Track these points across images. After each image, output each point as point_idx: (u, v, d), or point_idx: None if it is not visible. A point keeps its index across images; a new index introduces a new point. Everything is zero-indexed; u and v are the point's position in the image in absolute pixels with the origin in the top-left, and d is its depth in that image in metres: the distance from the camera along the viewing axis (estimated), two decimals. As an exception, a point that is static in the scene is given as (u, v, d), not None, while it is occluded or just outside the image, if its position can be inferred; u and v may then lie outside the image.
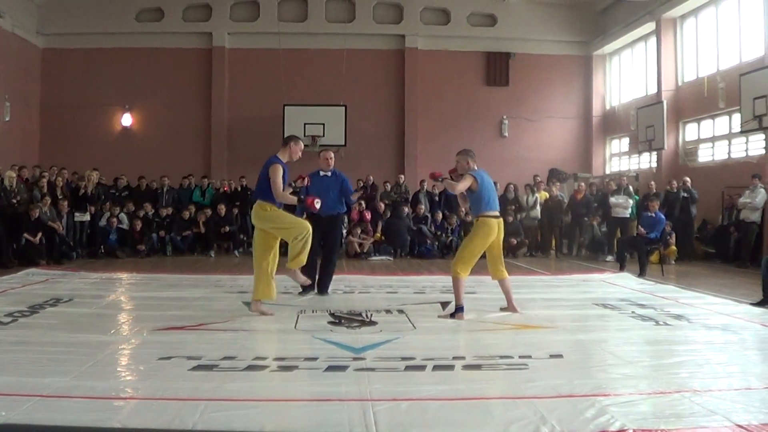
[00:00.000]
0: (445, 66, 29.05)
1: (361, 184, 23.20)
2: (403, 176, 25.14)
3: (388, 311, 10.87)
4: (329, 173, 13.20)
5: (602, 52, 29.66)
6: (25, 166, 21.01)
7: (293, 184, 11.38)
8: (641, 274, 16.47)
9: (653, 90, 25.52)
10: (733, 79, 20.64)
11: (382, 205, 22.83)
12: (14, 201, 18.66)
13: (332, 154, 13.53)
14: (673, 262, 19.97)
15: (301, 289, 12.53)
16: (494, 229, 10.65)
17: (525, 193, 23.42)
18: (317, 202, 10.41)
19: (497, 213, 10.78)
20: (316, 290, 12.71)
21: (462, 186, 10.47)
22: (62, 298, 11.81)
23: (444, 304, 11.56)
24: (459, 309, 10.38)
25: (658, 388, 6.51)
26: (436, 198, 23.78)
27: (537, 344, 8.42)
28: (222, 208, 22.19)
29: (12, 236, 18.23)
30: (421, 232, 22.02)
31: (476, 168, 10.79)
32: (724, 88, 21.37)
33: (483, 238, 10.66)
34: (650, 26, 25.56)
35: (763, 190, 18.85)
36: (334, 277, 13.35)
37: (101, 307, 11.12)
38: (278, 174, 10.24)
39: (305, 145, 23.26)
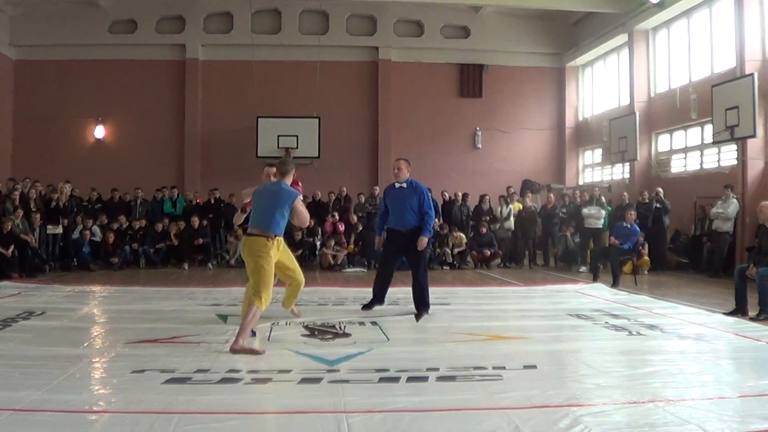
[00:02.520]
0: (418, 78, 29.10)
1: (334, 197, 23.25)
2: (377, 188, 25.11)
3: (361, 323, 10.88)
4: (404, 184, 12.29)
5: (575, 64, 29.80)
6: (-2, 178, 20.85)
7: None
8: (614, 284, 16.53)
9: (626, 101, 25.66)
10: (705, 90, 20.76)
11: (356, 217, 22.77)
12: None
13: (403, 164, 12.41)
14: (646, 272, 20.06)
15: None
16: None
17: (499, 205, 23.44)
18: None
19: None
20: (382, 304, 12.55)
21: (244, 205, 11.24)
22: (35, 311, 11.73)
23: (417, 316, 11.57)
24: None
25: (632, 398, 6.57)
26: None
27: (511, 355, 8.45)
28: (195, 221, 22.09)
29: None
30: (395, 244, 21.98)
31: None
32: (696, 99, 21.50)
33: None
34: (623, 38, 25.70)
35: (735, 201, 18.95)
36: (307, 288, 13.30)
37: (74, 321, 11.06)
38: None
39: (278, 157, 23.29)
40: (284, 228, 9.62)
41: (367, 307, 12.29)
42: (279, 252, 9.74)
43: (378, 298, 12.50)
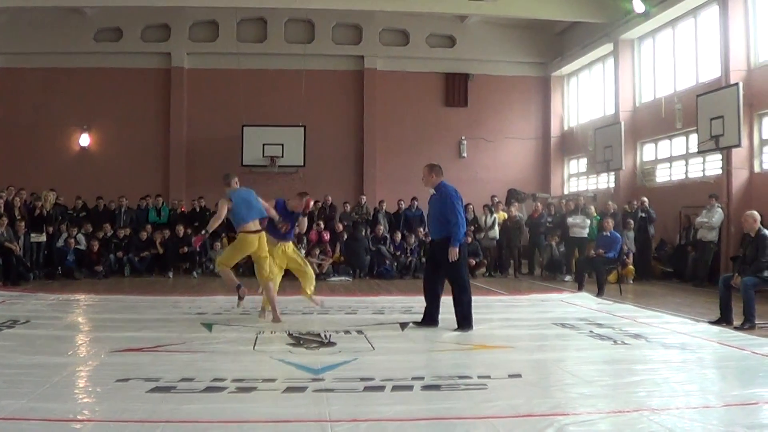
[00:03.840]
0: (404, 87, 29.13)
1: (319, 206, 23.22)
2: (364, 197, 25.11)
3: (347, 332, 10.85)
4: (434, 190, 11.82)
5: (560, 74, 29.90)
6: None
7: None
8: (599, 293, 16.55)
9: (611, 111, 25.74)
10: (690, 99, 20.81)
11: (341, 226, 22.73)
12: None
13: (425, 170, 12.02)
14: (631, 281, 20.07)
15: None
16: (253, 243, 11.70)
17: (483, 214, 23.42)
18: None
19: (257, 228, 11.80)
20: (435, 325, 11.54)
21: (221, 212, 11.92)
22: (19, 319, 11.68)
23: (403, 325, 11.57)
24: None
25: (617, 407, 6.58)
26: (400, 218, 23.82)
27: (496, 364, 8.46)
28: (180, 229, 22.03)
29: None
30: (380, 253, 21.98)
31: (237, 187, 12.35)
32: (681, 108, 21.56)
33: (239, 250, 12.03)
34: (608, 47, 25.79)
35: (720, 210, 19.03)
36: (292, 297, 13.29)
37: (58, 329, 11.02)
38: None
39: (263, 166, 23.26)
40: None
41: (418, 324, 11.64)
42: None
43: (427, 319, 11.68)
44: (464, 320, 11.21)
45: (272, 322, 11.64)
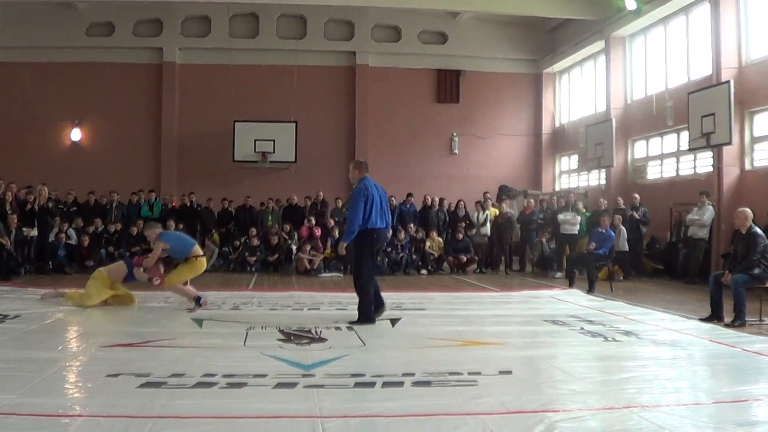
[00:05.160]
0: (395, 83, 29.14)
1: (310, 201, 23.24)
2: (354, 193, 25.12)
3: (338, 328, 10.86)
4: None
5: (552, 70, 29.93)
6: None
7: None
8: (590, 290, 16.55)
9: (602, 108, 25.77)
10: (681, 97, 20.84)
11: (332, 222, 22.70)
12: None
13: (350, 165, 12.60)
14: (622, 278, 20.06)
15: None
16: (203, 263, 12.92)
17: (475, 210, 23.42)
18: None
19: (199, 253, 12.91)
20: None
21: (154, 255, 12.62)
22: (9, 314, 11.62)
23: (393, 321, 11.55)
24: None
25: (607, 403, 6.60)
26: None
27: (486, 360, 8.45)
28: (172, 225, 21.97)
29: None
30: (371, 249, 21.94)
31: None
32: (673, 106, 21.59)
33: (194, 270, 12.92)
34: (599, 45, 25.82)
35: (710, 207, 19.06)
36: (283, 293, 13.28)
37: (49, 324, 10.99)
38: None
39: (255, 162, 23.26)
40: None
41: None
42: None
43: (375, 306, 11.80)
44: (362, 315, 11.43)
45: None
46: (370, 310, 11.45)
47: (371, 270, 11.68)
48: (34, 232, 20.45)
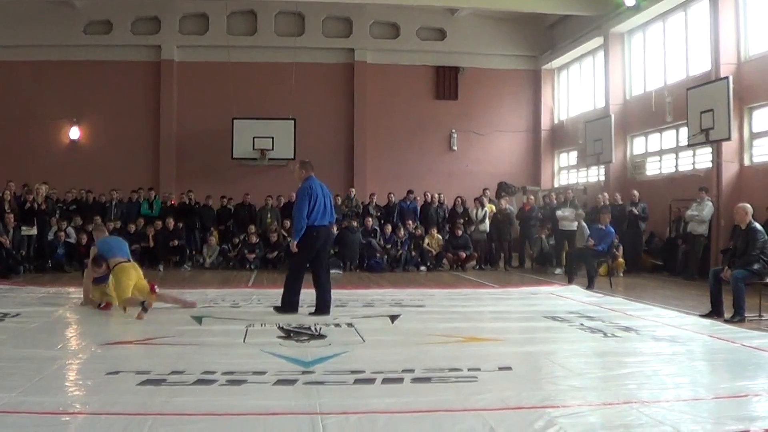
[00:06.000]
0: (394, 79, 29.11)
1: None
2: (353, 189, 25.14)
3: (337, 325, 10.85)
4: None
5: (551, 67, 29.89)
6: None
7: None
8: (590, 286, 16.56)
9: (601, 104, 25.75)
10: (680, 93, 20.81)
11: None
12: None
13: (297, 166, 12.86)
14: (621, 274, 20.08)
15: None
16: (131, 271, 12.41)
17: (474, 207, 23.43)
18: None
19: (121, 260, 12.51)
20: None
21: (91, 258, 12.84)
22: (9, 312, 11.62)
23: (393, 318, 11.57)
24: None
25: (607, 399, 6.60)
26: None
27: (486, 357, 8.44)
28: (171, 222, 22.00)
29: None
30: (371, 246, 21.98)
31: None
32: (672, 102, 21.57)
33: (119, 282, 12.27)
34: (598, 41, 25.80)
35: (710, 203, 19.05)
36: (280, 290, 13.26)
37: (48, 322, 11.01)
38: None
39: (253, 159, 23.27)
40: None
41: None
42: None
43: (318, 305, 12.33)
44: (285, 304, 12.08)
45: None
46: (293, 300, 12.08)
47: (301, 264, 12.27)
48: (33, 231, 20.44)
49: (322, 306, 12.09)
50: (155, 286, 12.37)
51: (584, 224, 20.86)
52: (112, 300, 12.36)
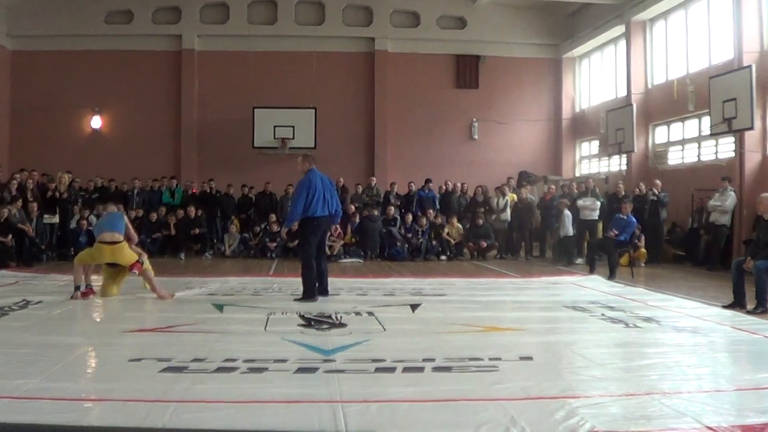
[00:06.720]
0: (414, 68, 29.04)
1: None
2: (374, 179, 25.14)
3: (357, 313, 10.86)
4: None
5: (572, 55, 29.76)
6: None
7: None
8: (611, 276, 16.49)
9: (623, 93, 25.60)
10: (702, 81, 20.68)
11: (353, 208, 22.70)
12: None
13: (300, 160, 13.46)
14: (643, 264, 20.01)
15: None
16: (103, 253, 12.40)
17: (495, 196, 23.40)
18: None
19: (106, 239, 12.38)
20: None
21: None
22: (32, 300, 11.72)
23: (414, 307, 11.57)
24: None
25: (628, 390, 6.55)
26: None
27: (507, 346, 8.42)
28: (192, 211, 22.08)
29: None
30: (391, 235, 21.99)
31: None
32: (694, 91, 21.42)
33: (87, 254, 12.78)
34: (620, 29, 25.65)
35: (732, 193, 18.92)
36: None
37: (71, 310, 11.09)
38: None
39: (274, 148, 23.33)
40: None
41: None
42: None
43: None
44: (305, 293, 12.41)
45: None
46: (312, 288, 12.42)
47: (310, 254, 12.60)
48: (56, 219, 20.57)
49: (321, 290, 12.71)
50: (137, 267, 12.38)
51: (567, 212, 21.02)
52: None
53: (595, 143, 28.36)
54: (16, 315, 10.30)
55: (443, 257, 21.92)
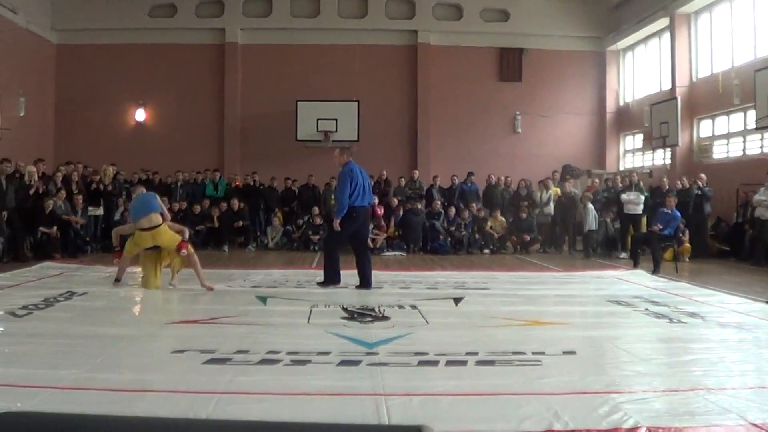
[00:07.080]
0: (457, 62, 28.98)
1: (374, 181, 23.30)
2: (417, 172, 25.15)
3: (400, 306, 10.84)
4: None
5: (616, 48, 29.57)
6: (43, 159, 20.90)
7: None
8: (655, 271, 16.33)
9: (667, 86, 25.46)
10: (747, 75, 20.53)
11: (396, 201, 22.74)
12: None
13: (337, 152, 13.57)
14: (687, 259, 19.84)
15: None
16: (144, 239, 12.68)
17: (538, 190, 23.36)
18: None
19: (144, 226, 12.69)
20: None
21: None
22: (77, 291, 11.84)
23: (457, 300, 11.57)
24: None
25: (672, 385, 6.48)
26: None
27: (550, 340, 8.38)
28: (235, 203, 22.21)
29: (28, 230, 18.23)
30: (434, 228, 22.00)
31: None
32: (739, 84, 21.25)
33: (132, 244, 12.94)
34: (664, 22, 25.48)
35: (778, 188, 18.75)
36: (346, 271, 13.34)
37: (115, 301, 11.19)
38: None
39: (317, 141, 23.45)
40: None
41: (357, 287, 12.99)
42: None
43: (360, 281, 13.18)
44: (327, 277, 13.06)
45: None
46: (334, 272, 13.02)
47: (337, 242, 13.24)
48: (100, 212, 20.75)
49: (364, 281, 12.91)
50: (185, 246, 12.52)
51: (591, 206, 20.98)
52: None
53: (639, 137, 28.18)
54: (61, 306, 10.39)
55: (486, 251, 21.88)
